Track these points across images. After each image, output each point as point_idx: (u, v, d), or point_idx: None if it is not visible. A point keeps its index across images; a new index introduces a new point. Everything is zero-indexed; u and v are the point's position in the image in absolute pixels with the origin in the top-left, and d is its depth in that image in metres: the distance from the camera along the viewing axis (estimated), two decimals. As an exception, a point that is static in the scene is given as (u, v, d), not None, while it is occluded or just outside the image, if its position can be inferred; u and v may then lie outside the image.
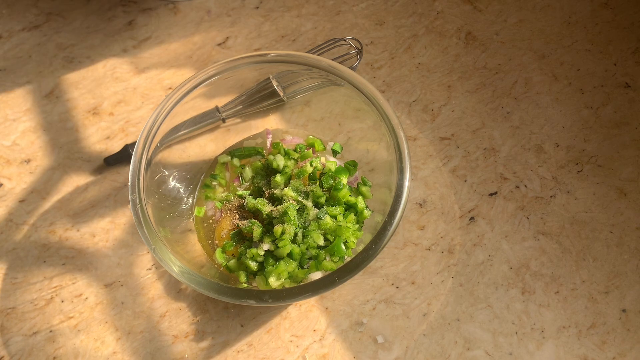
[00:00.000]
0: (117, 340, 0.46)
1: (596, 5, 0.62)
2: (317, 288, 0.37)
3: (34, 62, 0.59)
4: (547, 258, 0.49)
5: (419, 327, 0.46)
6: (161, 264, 0.39)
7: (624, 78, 0.57)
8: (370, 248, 0.38)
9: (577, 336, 0.46)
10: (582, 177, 0.52)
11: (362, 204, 0.45)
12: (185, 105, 0.46)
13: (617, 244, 0.49)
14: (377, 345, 0.45)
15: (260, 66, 0.47)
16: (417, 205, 0.51)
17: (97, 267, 0.49)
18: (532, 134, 0.54)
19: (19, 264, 0.49)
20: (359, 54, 0.55)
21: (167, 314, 0.47)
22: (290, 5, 0.62)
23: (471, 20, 0.61)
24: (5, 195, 0.52)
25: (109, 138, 0.55)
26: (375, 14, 0.61)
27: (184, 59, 0.59)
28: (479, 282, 0.48)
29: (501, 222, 0.50)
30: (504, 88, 0.57)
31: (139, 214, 0.40)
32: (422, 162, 0.53)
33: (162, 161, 0.46)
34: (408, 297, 0.47)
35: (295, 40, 0.60)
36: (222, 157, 0.50)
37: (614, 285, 0.48)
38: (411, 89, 0.57)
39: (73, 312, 0.47)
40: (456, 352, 0.45)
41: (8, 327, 0.46)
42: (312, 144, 0.50)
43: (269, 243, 0.43)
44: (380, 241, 0.39)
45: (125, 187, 0.52)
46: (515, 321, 0.46)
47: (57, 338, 0.46)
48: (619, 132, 0.54)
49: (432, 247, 0.49)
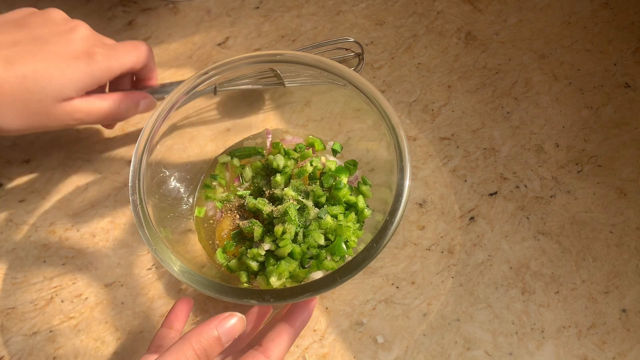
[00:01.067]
0: (117, 340, 0.46)
1: (596, 5, 0.62)
2: (319, 287, 0.37)
3: (34, 62, 0.59)
4: (547, 258, 0.49)
5: (419, 327, 0.46)
6: (162, 264, 0.39)
7: (624, 78, 0.57)
8: (372, 247, 0.38)
9: (577, 336, 0.46)
10: (582, 177, 0.52)
11: (363, 203, 0.45)
12: (186, 105, 0.46)
13: (617, 244, 0.49)
14: (377, 345, 0.45)
15: (260, 66, 0.47)
16: (417, 205, 0.51)
17: (97, 267, 0.49)
18: (532, 134, 0.54)
19: (19, 264, 0.49)
20: (359, 58, 0.55)
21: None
22: (290, 5, 0.62)
23: (471, 20, 0.61)
24: (5, 195, 0.52)
25: (109, 138, 0.55)
26: (375, 14, 0.62)
27: (184, 59, 0.59)
28: (479, 282, 0.48)
29: (501, 222, 0.50)
30: (504, 88, 0.57)
31: (139, 215, 0.40)
32: (422, 162, 0.53)
33: (162, 161, 0.46)
34: (408, 297, 0.47)
35: (295, 40, 0.60)
36: (222, 157, 0.50)
37: (614, 285, 0.48)
38: (411, 89, 0.57)
39: (73, 312, 0.47)
40: (456, 352, 0.45)
41: (8, 327, 0.46)
42: (312, 144, 0.50)
43: (270, 243, 0.43)
44: (382, 240, 0.39)
45: (125, 187, 0.52)
46: (515, 321, 0.46)
47: (57, 338, 0.46)
48: (619, 132, 0.54)
49: (432, 247, 0.49)
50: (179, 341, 0.34)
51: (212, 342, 0.34)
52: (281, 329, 0.38)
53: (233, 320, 0.35)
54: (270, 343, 0.37)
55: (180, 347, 0.33)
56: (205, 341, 0.34)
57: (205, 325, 0.35)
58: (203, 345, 0.34)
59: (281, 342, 0.37)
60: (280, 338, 0.38)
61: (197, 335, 0.34)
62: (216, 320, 0.35)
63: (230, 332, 0.35)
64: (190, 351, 0.33)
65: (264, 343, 0.37)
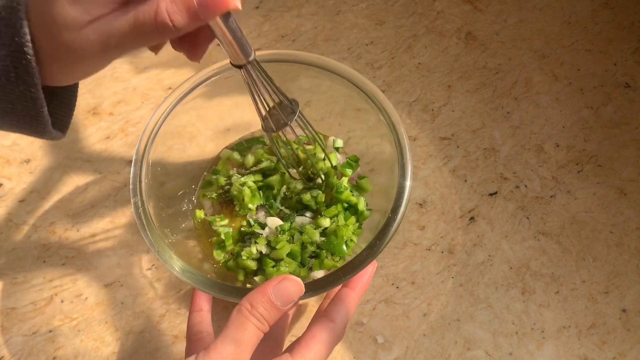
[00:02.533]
0: (117, 340, 0.46)
1: (596, 5, 0.62)
2: (323, 285, 0.37)
3: (33, 62, 0.59)
4: (547, 258, 0.49)
5: (419, 327, 0.46)
6: (166, 266, 0.39)
7: (624, 78, 0.57)
8: (374, 245, 0.38)
9: (577, 336, 0.46)
10: (582, 177, 0.52)
11: (363, 205, 0.45)
12: (186, 105, 0.46)
13: (617, 244, 0.49)
14: (377, 345, 0.45)
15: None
16: (417, 205, 0.51)
17: (97, 267, 0.49)
18: (532, 133, 0.54)
19: (19, 264, 0.49)
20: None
21: (167, 314, 0.47)
22: (290, 5, 0.62)
23: (471, 20, 0.61)
24: (5, 195, 0.52)
25: (109, 138, 0.55)
26: (375, 14, 0.61)
27: (184, 59, 0.59)
28: (479, 282, 0.48)
29: (501, 222, 0.50)
30: (504, 88, 0.57)
31: (142, 218, 0.40)
32: (422, 162, 0.53)
33: (162, 161, 0.46)
34: (408, 297, 0.47)
35: (295, 40, 0.60)
36: (224, 152, 0.50)
37: (614, 285, 0.48)
38: (411, 89, 0.57)
39: (73, 312, 0.47)
40: (456, 352, 0.45)
41: (8, 327, 0.46)
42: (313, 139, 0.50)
43: (265, 246, 0.43)
44: (384, 237, 0.39)
45: (125, 187, 0.52)
46: (515, 321, 0.46)
47: (57, 338, 0.46)
48: (619, 132, 0.54)
49: (432, 247, 0.49)
50: (234, 316, 0.33)
51: (268, 309, 0.33)
52: (345, 294, 0.38)
53: (287, 283, 0.34)
54: (332, 307, 0.37)
55: (239, 323, 0.32)
56: (262, 309, 0.33)
57: (258, 292, 0.33)
58: (260, 313, 0.33)
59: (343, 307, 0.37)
60: (342, 303, 0.37)
61: (253, 303, 0.33)
62: (270, 284, 0.34)
63: (285, 295, 0.34)
64: (250, 326, 0.32)
65: (327, 309, 0.37)
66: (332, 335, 0.36)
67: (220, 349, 0.31)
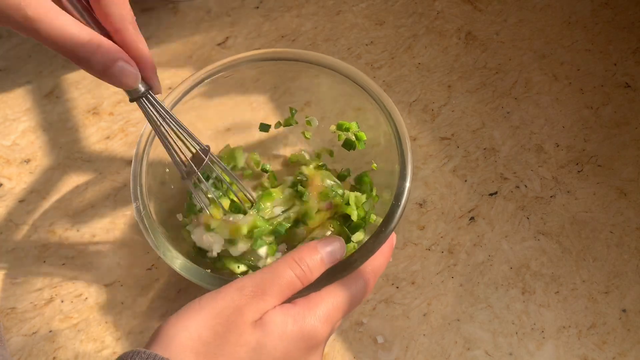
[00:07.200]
0: (117, 340, 0.46)
1: (596, 5, 0.62)
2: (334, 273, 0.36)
3: (33, 62, 0.59)
4: (547, 258, 0.49)
5: (419, 327, 0.46)
6: (172, 266, 0.39)
7: (624, 78, 0.57)
8: (381, 232, 0.38)
9: (577, 336, 0.46)
10: (582, 177, 0.52)
11: (357, 215, 0.44)
12: (185, 105, 0.46)
13: (617, 244, 0.49)
14: (377, 345, 0.45)
15: (260, 64, 0.47)
16: (417, 205, 0.51)
17: (97, 267, 0.49)
18: (532, 133, 0.54)
19: (19, 264, 0.49)
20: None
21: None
22: (290, 5, 0.62)
23: (471, 20, 0.61)
24: (5, 195, 0.52)
25: (109, 138, 0.55)
26: (375, 14, 0.61)
27: (184, 59, 0.59)
28: (479, 282, 0.48)
29: (501, 222, 0.50)
30: (504, 88, 0.57)
31: (144, 221, 0.40)
32: (422, 162, 0.53)
33: (163, 161, 0.46)
34: (408, 297, 0.47)
35: (295, 40, 0.60)
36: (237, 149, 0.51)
37: (614, 285, 0.48)
38: (411, 89, 0.57)
39: (73, 312, 0.47)
40: (456, 352, 0.45)
41: (8, 327, 0.46)
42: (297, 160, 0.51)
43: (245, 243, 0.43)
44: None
45: (125, 187, 0.52)
46: (515, 321, 0.46)
47: (57, 338, 0.46)
48: (619, 132, 0.54)
49: (432, 247, 0.49)
50: (282, 258, 0.34)
51: (315, 260, 0.34)
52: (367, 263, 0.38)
53: (336, 243, 0.36)
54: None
55: (282, 261, 0.34)
56: (309, 259, 0.34)
57: (309, 245, 0.35)
58: (306, 262, 0.34)
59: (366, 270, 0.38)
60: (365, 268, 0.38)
61: (301, 254, 0.34)
62: (321, 242, 0.36)
63: (331, 253, 0.36)
64: (295, 266, 0.34)
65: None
66: (352, 292, 0.36)
67: (254, 274, 0.33)
